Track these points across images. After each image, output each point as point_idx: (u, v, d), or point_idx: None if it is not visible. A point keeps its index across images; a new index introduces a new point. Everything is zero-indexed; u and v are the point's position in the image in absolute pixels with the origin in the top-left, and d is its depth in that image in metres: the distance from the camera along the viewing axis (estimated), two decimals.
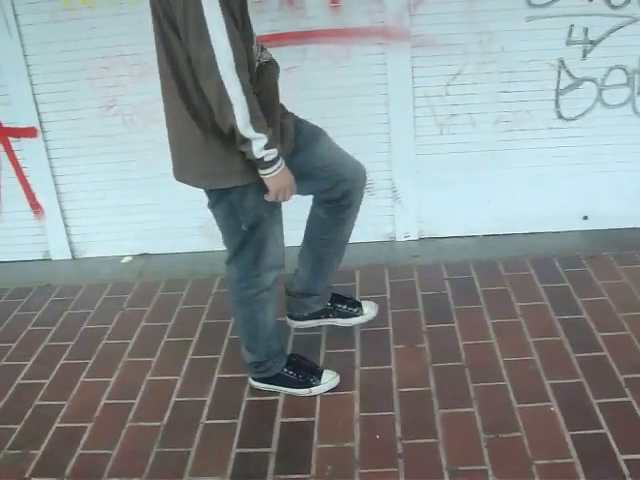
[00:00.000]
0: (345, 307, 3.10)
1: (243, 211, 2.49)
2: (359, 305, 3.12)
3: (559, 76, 3.74)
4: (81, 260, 4.34)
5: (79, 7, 3.77)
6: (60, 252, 4.33)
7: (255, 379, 2.90)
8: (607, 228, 3.97)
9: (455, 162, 3.92)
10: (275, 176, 2.38)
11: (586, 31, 3.64)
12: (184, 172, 2.55)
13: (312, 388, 2.82)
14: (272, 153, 2.31)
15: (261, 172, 2.36)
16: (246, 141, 2.27)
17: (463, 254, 3.87)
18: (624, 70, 3.72)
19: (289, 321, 3.13)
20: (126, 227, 4.22)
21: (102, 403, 2.94)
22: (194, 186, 2.56)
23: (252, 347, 2.82)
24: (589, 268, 3.60)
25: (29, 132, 4.05)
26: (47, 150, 4.09)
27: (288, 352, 2.99)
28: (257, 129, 2.25)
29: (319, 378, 2.83)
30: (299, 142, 2.62)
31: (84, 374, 3.14)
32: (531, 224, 4.00)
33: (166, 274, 3.98)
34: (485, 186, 3.97)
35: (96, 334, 3.44)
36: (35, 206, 4.24)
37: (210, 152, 2.39)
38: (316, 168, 2.67)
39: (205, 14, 2.11)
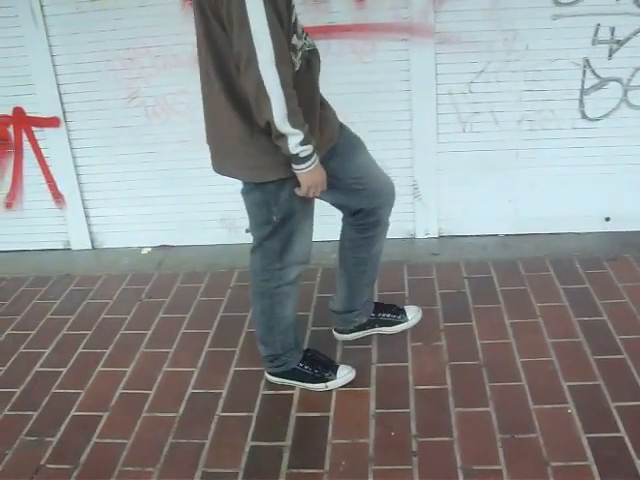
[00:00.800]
0: (389, 315, 3.11)
1: (277, 202, 2.49)
2: (402, 311, 3.13)
3: (584, 76, 3.71)
4: (101, 250, 4.36)
5: None
6: (80, 242, 4.36)
7: (271, 373, 2.90)
8: (629, 230, 3.93)
9: (477, 160, 3.89)
10: (309, 172, 2.37)
11: (612, 30, 3.61)
12: (226, 164, 2.55)
13: (328, 383, 2.82)
14: (307, 149, 2.31)
15: (295, 167, 2.36)
16: (282, 136, 2.27)
17: (483, 253, 3.85)
18: None
19: (336, 334, 3.13)
20: (146, 218, 4.24)
21: (118, 393, 2.95)
22: (235, 177, 2.56)
23: (267, 340, 2.82)
24: (610, 270, 3.57)
25: (52, 122, 4.08)
26: (70, 140, 4.12)
27: (305, 347, 2.98)
28: (294, 124, 2.24)
29: (335, 373, 2.83)
30: (338, 147, 2.62)
31: (101, 363, 3.16)
32: (552, 224, 3.97)
33: (185, 266, 4.00)
34: (507, 185, 3.95)
35: (114, 324, 3.46)
36: (56, 196, 4.27)
37: (255, 145, 2.38)
38: (350, 178, 2.66)
39: (248, 9, 2.12)
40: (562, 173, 3.89)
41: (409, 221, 4.06)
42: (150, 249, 4.26)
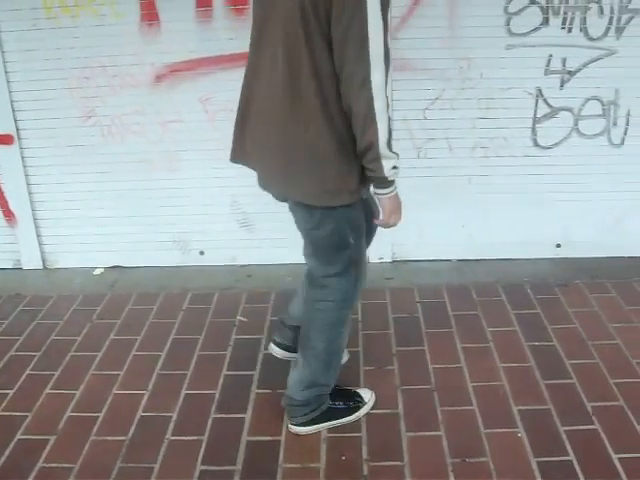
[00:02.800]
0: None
1: (350, 225, 2.45)
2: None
3: (536, 105, 3.79)
4: (52, 270, 4.29)
5: (62, 16, 3.75)
6: (31, 261, 4.29)
7: (303, 423, 2.71)
8: (580, 257, 4.01)
9: (431, 186, 3.93)
10: (392, 196, 2.38)
11: (564, 61, 3.69)
12: (293, 187, 2.40)
13: (361, 411, 2.76)
14: (396, 174, 2.29)
15: (380, 191, 2.34)
16: (378, 159, 2.21)
17: (436, 278, 3.88)
18: (600, 101, 3.78)
19: (273, 347, 2.97)
20: (99, 239, 4.19)
21: (66, 416, 2.89)
22: (301, 200, 2.41)
23: (318, 380, 2.66)
24: (561, 295, 3.63)
25: (5, 139, 4.02)
26: (23, 158, 4.06)
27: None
28: (392, 148, 2.22)
29: (362, 399, 2.79)
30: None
31: (49, 386, 3.09)
32: (504, 250, 4.03)
33: (138, 287, 3.95)
34: (460, 211, 3.99)
35: (64, 345, 3.40)
36: (8, 214, 4.20)
37: (338, 169, 2.29)
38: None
39: (369, 30, 2.06)
40: (514, 200, 3.95)
41: None
42: (103, 270, 4.21)
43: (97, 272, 4.20)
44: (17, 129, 4.00)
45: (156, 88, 3.86)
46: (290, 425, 2.71)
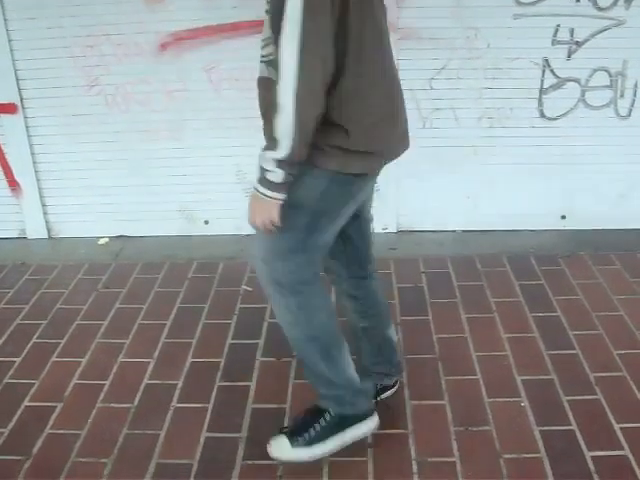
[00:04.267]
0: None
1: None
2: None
3: (543, 75, 3.77)
4: (57, 240, 4.30)
5: None
6: (36, 231, 4.30)
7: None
8: (584, 228, 4.01)
9: (436, 157, 3.93)
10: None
11: (572, 32, 3.67)
12: None
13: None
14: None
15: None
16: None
17: (440, 248, 3.88)
18: (608, 72, 3.75)
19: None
20: (104, 208, 4.19)
21: (73, 383, 2.91)
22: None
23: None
24: (565, 267, 3.63)
25: (9, 108, 4.01)
26: (27, 127, 4.05)
27: None
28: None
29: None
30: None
31: (56, 354, 3.11)
32: (509, 221, 4.02)
33: (143, 257, 3.96)
34: (465, 182, 3.99)
35: (69, 314, 3.41)
36: (12, 183, 4.20)
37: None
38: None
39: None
40: (520, 171, 3.94)
41: None
42: (107, 239, 4.22)
43: (102, 241, 4.21)
44: (21, 98, 3.99)
45: (160, 57, 3.84)
46: None
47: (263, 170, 2.01)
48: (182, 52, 3.82)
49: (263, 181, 2.03)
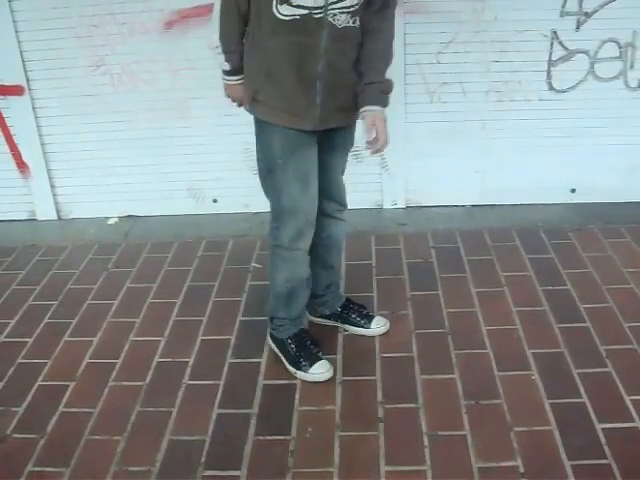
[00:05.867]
0: (354, 316, 2.99)
1: (263, 147, 2.56)
2: (369, 318, 2.98)
3: (552, 47, 3.73)
4: (67, 221, 4.32)
5: None
6: (46, 212, 4.31)
7: (270, 333, 2.90)
8: (594, 202, 3.98)
9: (444, 131, 3.91)
10: (226, 85, 2.64)
11: (581, 2, 3.63)
12: None
13: (298, 372, 2.75)
14: (226, 65, 2.54)
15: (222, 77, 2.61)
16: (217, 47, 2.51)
17: (450, 223, 3.88)
18: (617, 43, 3.71)
19: (308, 315, 3.05)
20: (113, 188, 4.19)
21: (85, 362, 2.93)
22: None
23: (270, 298, 2.85)
24: (575, 240, 3.62)
25: (16, 90, 4.01)
26: (34, 109, 4.05)
27: (305, 327, 2.92)
28: (220, 39, 2.47)
29: (310, 366, 2.74)
30: (330, 141, 2.62)
31: (67, 333, 3.14)
32: (518, 195, 4.01)
33: (152, 236, 3.97)
34: (474, 156, 3.97)
35: (80, 294, 3.43)
36: (21, 165, 4.21)
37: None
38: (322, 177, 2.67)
39: None
40: (529, 144, 3.92)
41: (376, 191, 4.07)
42: (117, 219, 4.23)
43: (111, 222, 4.22)
44: (27, 79, 3.99)
45: (166, 35, 3.82)
46: None
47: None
48: (188, 30, 3.80)
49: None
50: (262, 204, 4.04)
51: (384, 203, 4.09)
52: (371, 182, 4.03)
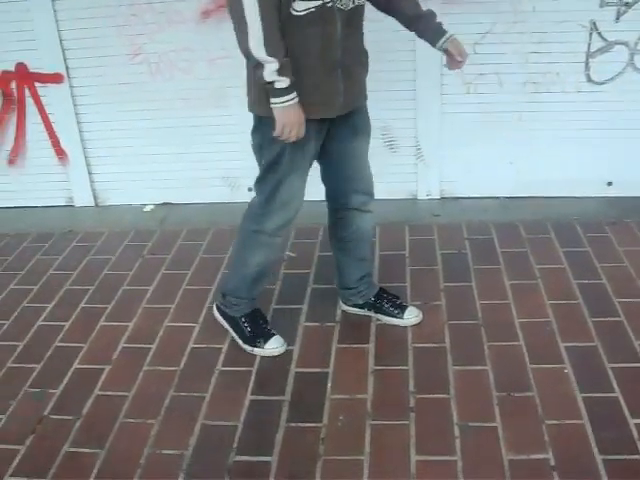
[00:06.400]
0: (388, 306, 3.00)
1: (267, 144, 2.52)
2: (403, 308, 2.99)
3: (590, 38, 3.69)
4: (104, 207, 4.38)
5: None
6: (83, 199, 4.37)
7: (217, 307, 3.00)
8: (630, 195, 3.94)
9: (480, 122, 3.89)
10: (284, 108, 2.34)
11: None
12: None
13: (255, 348, 2.85)
14: (283, 81, 2.29)
15: (271, 100, 2.34)
16: (259, 64, 2.27)
17: (484, 215, 3.86)
18: None
19: (341, 304, 3.11)
20: (149, 176, 4.24)
21: (120, 347, 2.98)
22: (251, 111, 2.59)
23: (229, 276, 2.97)
24: (610, 234, 3.58)
25: (55, 78, 4.07)
26: (73, 97, 4.11)
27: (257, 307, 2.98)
28: (270, 52, 2.25)
29: (265, 342, 2.85)
30: (346, 129, 2.63)
31: (103, 318, 3.19)
32: (554, 188, 3.97)
33: (187, 224, 4.01)
34: (509, 148, 3.94)
35: (116, 280, 3.48)
36: (60, 152, 4.27)
37: (249, 78, 2.50)
38: (339, 167, 2.73)
39: None
40: (565, 137, 3.88)
41: (411, 182, 4.07)
42: (153, 206, 4.28)
43: (147, 209, 4.27)
44: (67, 68, 4.05)
45: (203, 24, 3.85)
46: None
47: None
48: (225, 19, 3.80)
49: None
50: None
51: (418, 194, 4.09)
52: (406, 172, 4.03)
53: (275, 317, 3.08)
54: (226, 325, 2.95)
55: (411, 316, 2.98)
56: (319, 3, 2.30)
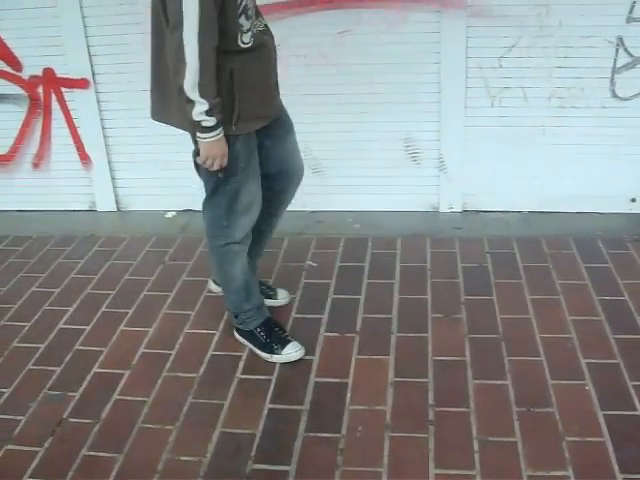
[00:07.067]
0: (264, 288, 3.20)
1: (228, 161, 2.58)
2: (275, 290, 3.26)
3: (617, 54, 3.66)
4: (126, 213, 4.40)
5: None
6: (106, 204, 4.40)
7: (236, 329, 3.02)
8: None
9: (504, 136, 3.87)
10: (208, 143, 2.47)
11: None
12: (169, 114, 2.65)
13: (273, 355, 2.88)
14: (210, 121, 2.40)
15: (198, 135, 2.46)
16: (190, 102, 2.36)
17: (506, 229, 3.85)
18: None
19: (211, 284, 3.31)
20: (172, 182, 4.25)
21: (140, 352, 2.99)
22: (179, 128, 2.65)
23: (226, 297, 2.99)
24: (633, 251, 3.55)
25: (82, 83, 4.10)
26: (98, 102, 4.14)
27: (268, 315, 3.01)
28: (202, 94, 2.34)
29: (282, 348, 2.87)
30: (279, 128, 2.79)
31: (124, 323, 3.20)
32: (577, 203, 3.95)
33: None
34: (533, 162, 3.92)
35: (137, 285, 3.50)
36: (84, 157, 4.30)
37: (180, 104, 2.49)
38: (275, 160, 2.82)
39: None
40: (589, 152, 3.86)
41: (433, 194, 4.06)
42: (174, 213, 4.29)
43: (169, 215, 4.29)
44: (93, 73, 4.08)
45: None
46: None
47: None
48: None
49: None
50: (319, 203, 4.13)
51: (440, 206, 4.08)
52: (428, 185, 4.02)
53: (295, 326, 3.09)
54: (246, 342, 2.97)
55: (284, 296, 3.23)
56: (251, 32, 2.48)
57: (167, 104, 2.61)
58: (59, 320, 3.26)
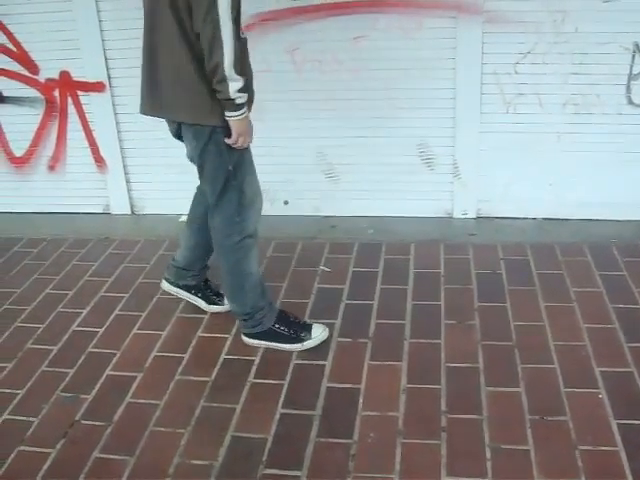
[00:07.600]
0: (211, 294, 3.26)
1: (227, 152, 2.68)
2: (222, 295, 3.24)
3: (633, 60, 3.65)
4: (140, 216, 4.42)
5: None
6: (120, 207, 4.42)
7: (247, 335, 3.01)
8: None
9: (519, 142, 3.86)
10: (241, 119, 2.59)
11: None
12: (172, 108, 2.72)
13: (304, 343, 2.91)
14: (243, 97, 2.53)
15: (228, 114, 2.56)
16: (224, 80, 2.46)
17: (520, 236, 3.83)
18: None
19: (163, 283, 3.31)
20: (186, 186, 4.21)
21: (153, 355, 3.00)
22: (185, 121, 2.70)
23: (238, 298, 2.96)
24: None
25: (97, 87, 4.13)
26: (114, 105, 4.16)
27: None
28: (238, 72, 2.46)
29: (309, 332, 2.93)
30: None
31: (137, 326, 3.21)
32: (592, 210, 3.93)
33: None
34: (548, 169, 3.91)
35: (151, 288, 3.50)
36: (99, 160, 4.33)
37: (199, 89, 2.56)
38: None
39: None
40: (604, 159, 3.84)
41: (447, 200, 4.05)
42: None
43: (183, 219, 4.26)
44: (109, 77, 4.10)
45: None
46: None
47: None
48: (266, 34, 3.85)
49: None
50: (332, 208, 4.12)
51: (454, 212, 4.07)
52: (442, 190, 4.01)
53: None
54: (263, 343, 2.97)
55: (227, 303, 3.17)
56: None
57: (165, 99, 2.72)
58: (73, 322, 3.27)
